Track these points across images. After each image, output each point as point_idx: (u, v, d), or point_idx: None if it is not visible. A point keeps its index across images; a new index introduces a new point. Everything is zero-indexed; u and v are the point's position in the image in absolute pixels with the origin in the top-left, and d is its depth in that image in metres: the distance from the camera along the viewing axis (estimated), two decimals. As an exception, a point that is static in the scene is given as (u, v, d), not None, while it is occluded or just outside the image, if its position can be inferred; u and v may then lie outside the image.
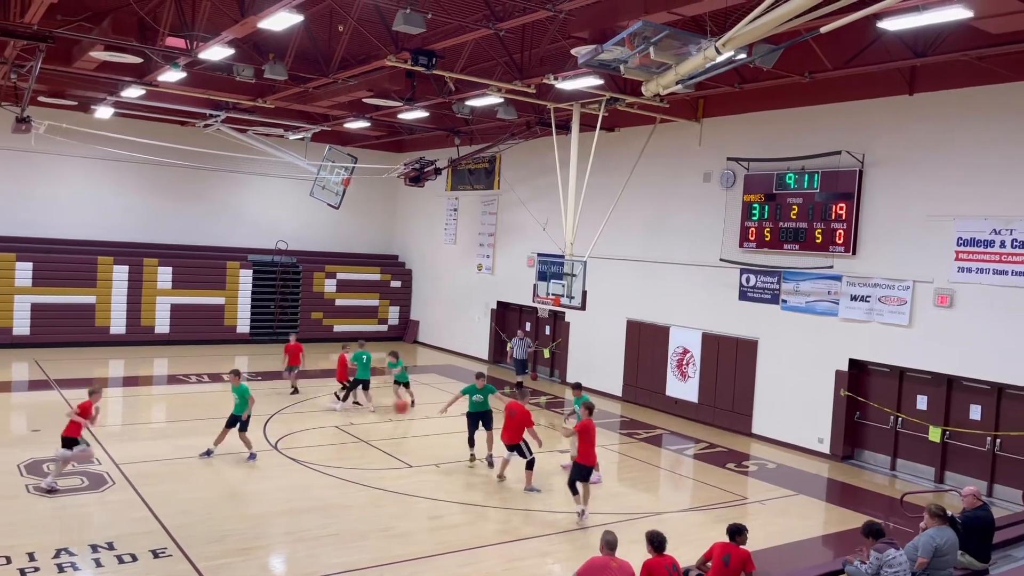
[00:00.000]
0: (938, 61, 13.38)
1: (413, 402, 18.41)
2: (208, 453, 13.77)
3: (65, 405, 16.84)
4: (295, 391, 19.25)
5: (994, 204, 13.80)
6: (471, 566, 9.92)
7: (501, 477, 13.40)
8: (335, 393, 18.46)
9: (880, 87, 15.24)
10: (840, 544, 11.53)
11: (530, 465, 13.02)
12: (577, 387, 15.03)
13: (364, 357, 17.98)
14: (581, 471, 11.75)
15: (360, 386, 18.13)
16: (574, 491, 11.77)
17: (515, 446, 13.11)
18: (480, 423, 14.40)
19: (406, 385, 18.58)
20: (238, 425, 13.82)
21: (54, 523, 10.49)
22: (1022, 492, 12.35)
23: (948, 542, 8.26)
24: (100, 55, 16.10)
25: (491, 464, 14.10)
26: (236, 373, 14.27)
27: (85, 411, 11.86)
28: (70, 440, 11.76)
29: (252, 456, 13.79)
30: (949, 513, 8.62)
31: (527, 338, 21.89)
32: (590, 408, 12.36)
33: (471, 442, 14.36)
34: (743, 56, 9.52)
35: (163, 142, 24.13)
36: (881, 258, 15.40)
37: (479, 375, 14.71)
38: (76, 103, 23.21)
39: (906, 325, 14.94)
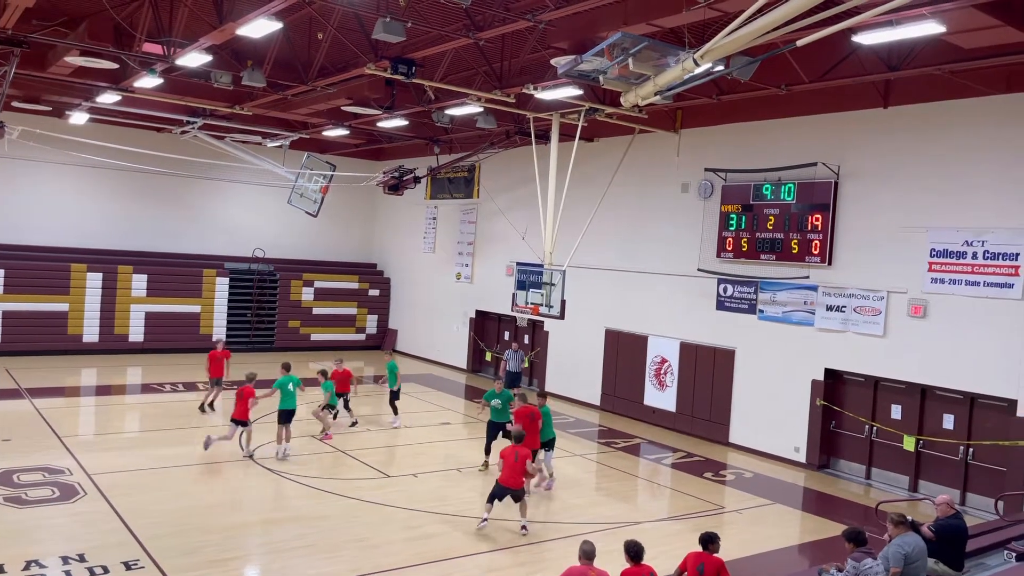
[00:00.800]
0: (912, 75, 13.57)
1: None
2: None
3: (36, 415, 16.63)
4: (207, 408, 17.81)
5: (966, 216, 14.00)
6: (448, 577, 9.87)
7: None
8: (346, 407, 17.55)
9: (855, 100, 15.43)
10: (816, 553, 11.60)
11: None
12: (543, 396, 14.72)
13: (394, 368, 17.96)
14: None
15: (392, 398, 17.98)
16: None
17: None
18: (500, 433, 14.22)
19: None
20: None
21: (24, 535, 10.29)
22: (995, 500, 12.49)
23: (916, 548, 8.30)
24: (76, 60, 15.93)
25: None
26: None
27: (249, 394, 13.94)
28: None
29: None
30: (909, 519, 8.69)
31: (521, 351, 21.58)
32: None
33: (487, 451, 14.29)
34: (721, 68, 9.62)
35: (139, 148, 23.84)
36: (856, 269, 15.56)
37: (497, 379, 14.89)
38: (51, 108, 22.94)
39: (881, 335, 15.10)
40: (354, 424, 17.34)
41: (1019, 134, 13.36)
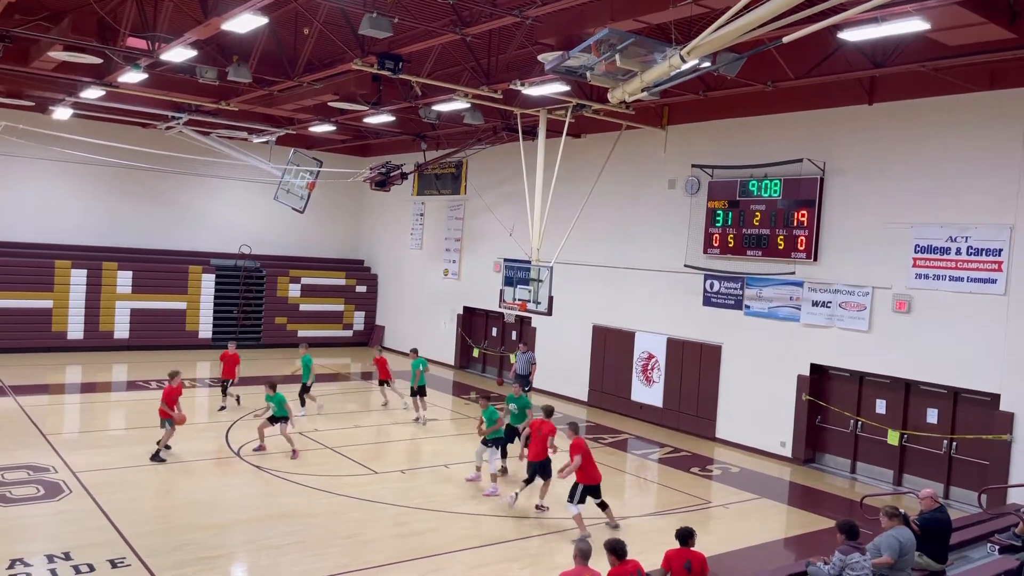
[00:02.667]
0: (896, 72, 13.66)
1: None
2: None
3: (21, 413, 16.51)
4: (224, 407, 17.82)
5: (950, 212, 14.12)
6: (437, 573, 9.87)
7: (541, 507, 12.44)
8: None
9: (841, 96, 15.52)
10: (802, 546, 11.69)
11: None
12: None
13: (421, 366, 17.88)
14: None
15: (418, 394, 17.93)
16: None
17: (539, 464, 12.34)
18: (516, 438, 14.22)
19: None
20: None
21: (8, 533, 10.21)
22: (978, 494, 12.61)
23: (908, 541, 8.44)
24: (59, 55, 15.79)
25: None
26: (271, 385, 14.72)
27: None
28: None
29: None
30: (903, 512, 8.79)
31: (529, 351, 21.05)
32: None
33: (503, 455, 14.16)
34: (707, 64, 9.64)
35: (124, 144, 23.72)
36: (841, 264, 15.66)
37: (515, 384, 15.08)
38: (33, 104, 22.73)
39: (866, 330, 15.21)
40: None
41: (1003, 131, 13.47)
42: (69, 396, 19.68)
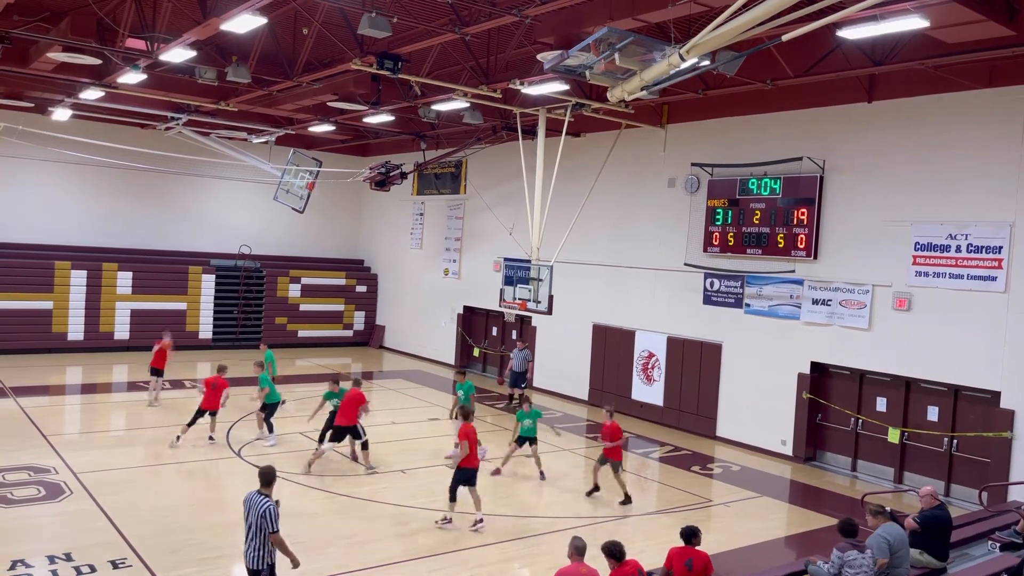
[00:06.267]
0: (896, 70, 13.65)
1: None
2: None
3: (21, 414, 16.51)
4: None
5: (950, 209, 14.11)
6: (438, 572, 9.87)
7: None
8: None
9: (840, 95, 15.51)
10: (802, 544, 11.70)
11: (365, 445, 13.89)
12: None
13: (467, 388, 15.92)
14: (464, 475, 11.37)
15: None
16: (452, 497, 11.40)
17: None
18: (528, 445, 14.22)
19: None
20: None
21: (9, 534, 10.21)
22: (978, 491, 12.61)
23: (897, 538, 8.41)
24: (58, 56, 15.79)
25: (543, 477, 14.08)
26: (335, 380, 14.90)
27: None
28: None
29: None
30: (888, 509, 8.78)
31: (526, 349, 20.96)
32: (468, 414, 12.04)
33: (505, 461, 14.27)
34: (707, 63, 9.63)
35: (123, 145, 23.72)
36: (841, 262, 15.66)
37: (522, 398, 15.16)
38: (33, 105, 22.73)
39: (866, 328, 15.21)
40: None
41: (1002, 128, 13.46)
42: (70, 397, 19.68)
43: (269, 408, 15.26)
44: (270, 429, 15.30)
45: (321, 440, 14.31)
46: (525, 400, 15.04)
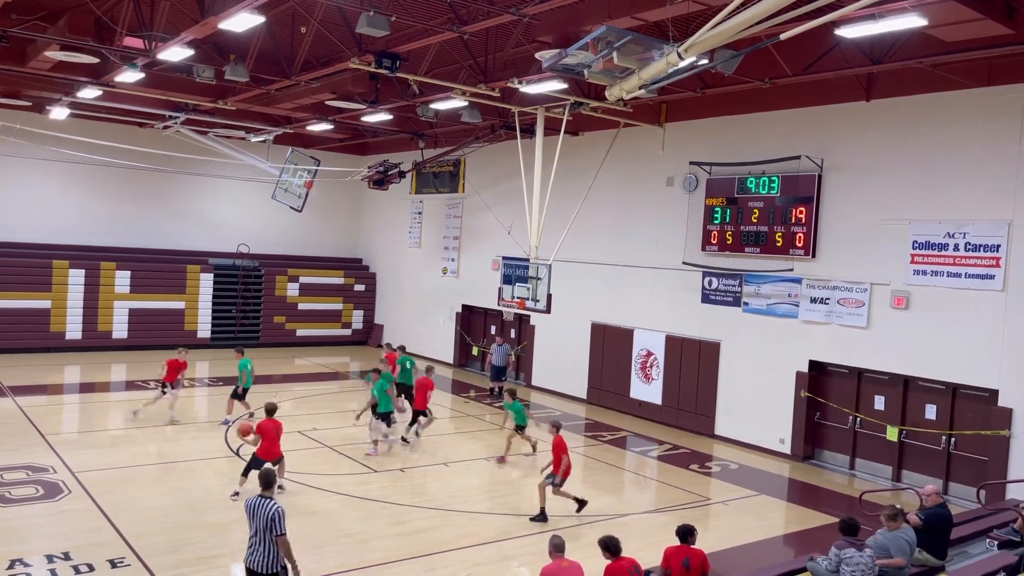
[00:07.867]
0: (894, 68, 13.66)
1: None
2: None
3: (19, 413, 16.50)
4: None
5: (948, 208, 14.12)
6: (437, 571, 9.88)
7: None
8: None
9: (838, 93, 15.51)
10: (801, 543, 11.71)
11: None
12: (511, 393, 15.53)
13: (408, 363, 18.08)
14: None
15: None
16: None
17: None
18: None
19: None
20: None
21: (8, 533, 10.21)
22: (976, 489, 12.63)
23: (914, 541, 8.61)
24: (56, 55, 15.77)
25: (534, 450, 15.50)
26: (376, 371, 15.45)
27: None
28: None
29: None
30: (903, 510, 8.84)
31: (506, 343, 21.55)
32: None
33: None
34: (705, 62, 9.62)
35: (121, 144, 23.69)
36: (840, 261, 15.67)
37: (510, 391, 15.50)
38: (30, 103, 22.70)
39: (864, 327, 15.22)
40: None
41: (1000, 127, 13.47)
42: (68, 396, 19.67)
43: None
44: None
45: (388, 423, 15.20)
46: (510, 392, 15.41)
